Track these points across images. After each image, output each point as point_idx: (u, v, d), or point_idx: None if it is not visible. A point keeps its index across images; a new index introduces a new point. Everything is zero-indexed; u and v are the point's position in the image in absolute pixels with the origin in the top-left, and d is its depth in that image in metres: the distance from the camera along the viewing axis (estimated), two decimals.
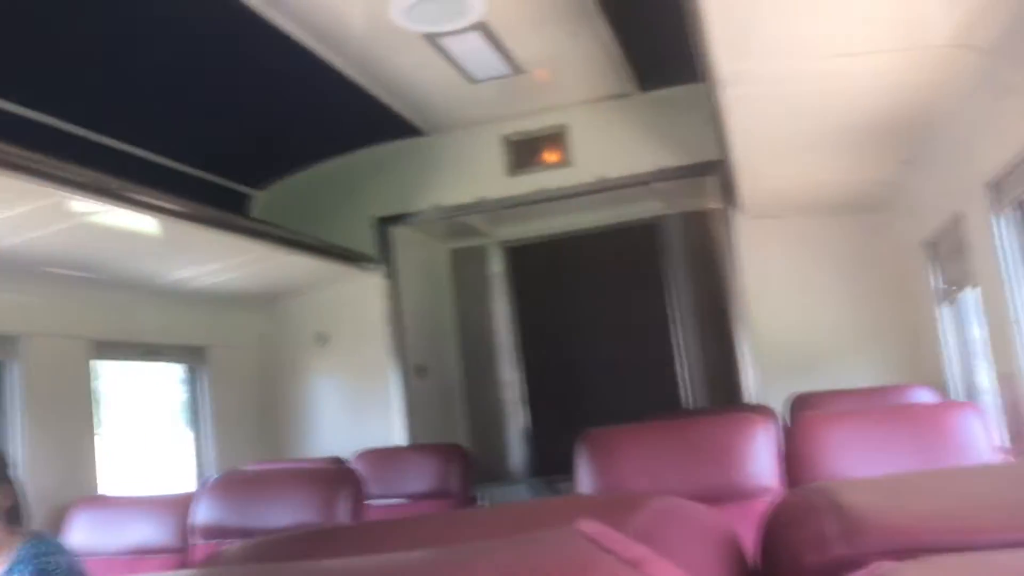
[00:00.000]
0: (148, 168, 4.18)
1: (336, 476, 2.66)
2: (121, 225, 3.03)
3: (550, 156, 4.89)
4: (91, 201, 2.74)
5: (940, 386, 3.76)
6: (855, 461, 2.24)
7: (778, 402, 3.87)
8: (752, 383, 4.54)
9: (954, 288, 3.53)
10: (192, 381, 4.54)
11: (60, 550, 2.52)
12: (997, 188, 2.67)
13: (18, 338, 3.28)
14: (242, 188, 5.16)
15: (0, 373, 3.28)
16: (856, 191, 4.09)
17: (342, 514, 2.48)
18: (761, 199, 4.33)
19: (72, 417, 3.50)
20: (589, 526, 0.52)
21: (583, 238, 6.21)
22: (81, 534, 2.96)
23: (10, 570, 2.36)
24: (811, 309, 4.51)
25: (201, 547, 2.67)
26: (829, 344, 4.46)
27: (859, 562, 0.64)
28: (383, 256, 5.18)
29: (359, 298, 5.15)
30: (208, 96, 3.93)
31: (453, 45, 3.77)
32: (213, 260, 3.90)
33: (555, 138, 4.87)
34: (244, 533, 2.54)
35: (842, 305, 4.49)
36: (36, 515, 2.77)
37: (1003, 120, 2.44)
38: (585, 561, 0.47)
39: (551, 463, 5.96)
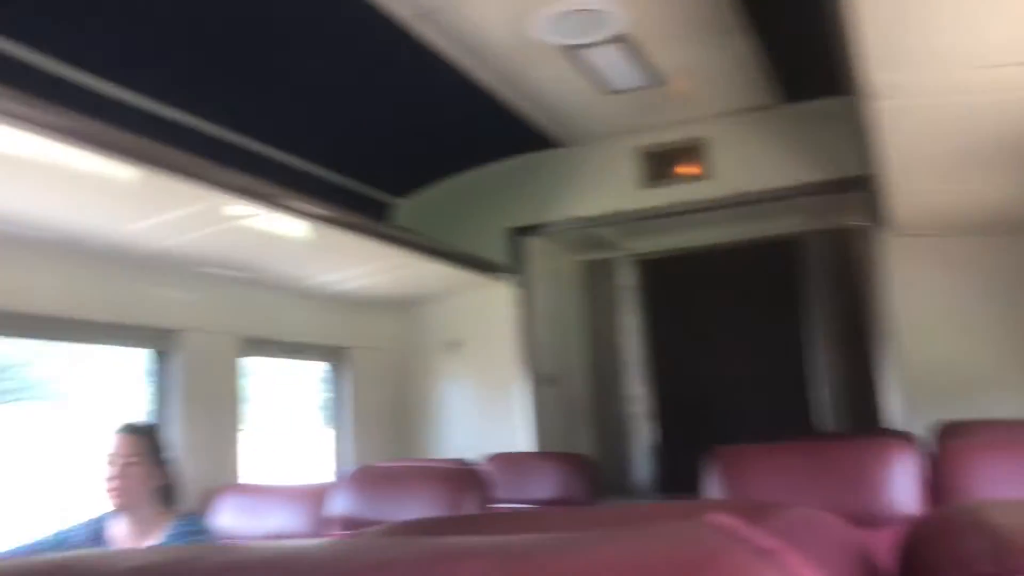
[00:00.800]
0: (295, 174, 4.38)
1: (466, 476, 2.72)
2: (271, 229, 3.16)
3: (686, 169, 4.82)
4: (245, 205, 2.86)
5: None
6: (1007, 494, 2.12)
7: (921, 429, 3.68)
8: (895, 408, 4.32)
9: None
10: (333, 380, 4.72)
11: (207, 530, 2.69)
12: None
13: (178, 332, 3.50)
14: (382, 196, 5.34)
15: (162, 363, 3.51)
16: (1022, 210, 3.84)
17: (469, 512, 2.53)
18: (914, 217, 4.11)
19: (220, 409, 3.68)
20: (720, 519, 0.51)
21: (717, 253, 6.09)
22: (225, 518, 3.13)
23: (162, 544, 2.53)
24: (966, 335, 4.23)
25: (336, 535, 2.77)
26: (984, 372, 4.17)
27: None
28: (515, 266, 5.24)
29: (491, 306, 5.21)
30: (355, 105, 4.09)
31: (592, 57, 3.79)
32: (355, 265, 4.04)
33: (692, 151, 4.80)
34: (375, 525, 2.62)
35: (1002, 332, 4.19)
36: (186, 497, 2.95)
37: None
38: (716, 548, 0.47)
39: (676, 480, 5.86)
